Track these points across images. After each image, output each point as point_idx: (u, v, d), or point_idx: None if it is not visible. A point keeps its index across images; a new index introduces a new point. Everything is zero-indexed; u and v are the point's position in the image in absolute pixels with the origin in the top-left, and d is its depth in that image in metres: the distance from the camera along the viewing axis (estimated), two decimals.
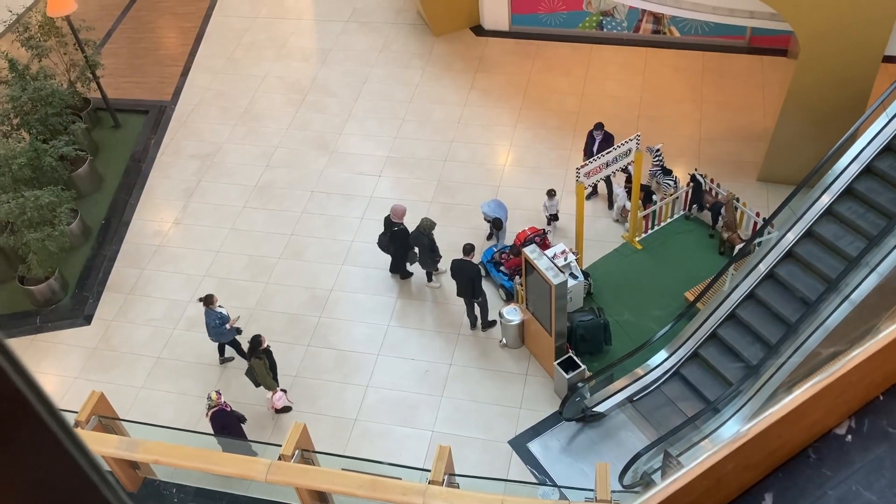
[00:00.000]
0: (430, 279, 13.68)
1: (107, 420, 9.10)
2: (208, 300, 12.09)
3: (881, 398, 2.06)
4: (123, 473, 8.83)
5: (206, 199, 15.73)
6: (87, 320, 13.87)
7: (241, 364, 12.17)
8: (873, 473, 1.90)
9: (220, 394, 10.81)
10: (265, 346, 11.48)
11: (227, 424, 10.81)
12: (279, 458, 8.27)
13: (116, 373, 13.04)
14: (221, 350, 12.86)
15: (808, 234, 11.04)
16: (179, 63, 18.98)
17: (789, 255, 11.12)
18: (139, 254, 14.86)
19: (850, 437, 1.99)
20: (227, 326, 12.20)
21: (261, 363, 11.30)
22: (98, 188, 16.12)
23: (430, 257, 13.13)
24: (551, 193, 13.90)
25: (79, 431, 8.19)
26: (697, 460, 1.72)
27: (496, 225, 13.82)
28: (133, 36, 20.06)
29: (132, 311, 13.94)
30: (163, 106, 17.86)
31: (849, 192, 10.93)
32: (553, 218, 14.13)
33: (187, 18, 20.36)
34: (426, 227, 12.85)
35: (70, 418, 8.76)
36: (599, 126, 13.96)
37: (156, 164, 16.56)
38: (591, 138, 14.10)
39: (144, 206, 15.75)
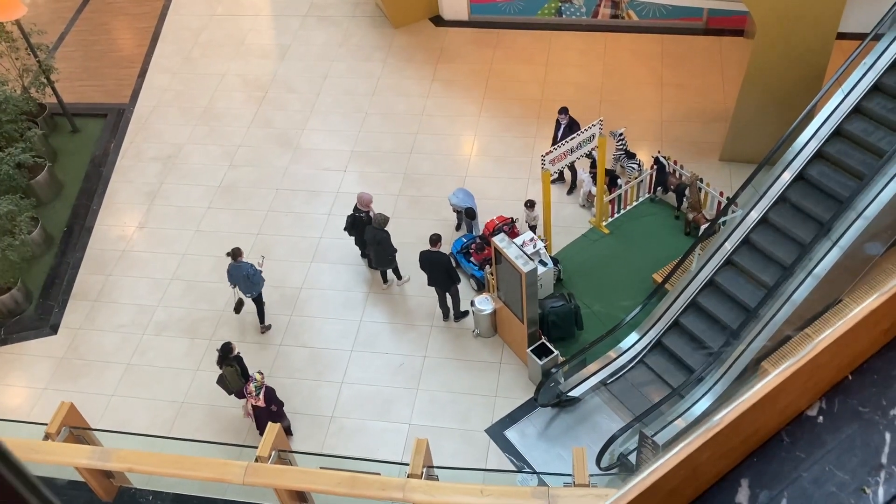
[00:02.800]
0: (398, 276, 13.56)
1: (78, 430, 8.95)
2: (236, 252, 12.35)
3: (850, 378, 2.08)
4: (98, 483, 8.71)
5: (170, 201, 15.53)
6: (54, 329, 13.64)
7: (212, 370, 12.00)
8: (845, 453, 1.93)
9: (262, 373, 11.06)
10: (236, 352, 11.40)
11: (275, 397, 11.18)
12: (256, 460, 8.21)
13: (86, 381, 12.85)
14: (262, 317, 13.09)
15: (774, 206, 11.22)
16: (136, 64, 18.68)
17: (756, 228, 11.29)
18: (104, 260, 14.63)
19: (821, 418, 2.02)
20: (259, 267, 12.54)
21: (233, 370, 11.20)
22: (58, 195, 15.84)
23: (391, 253, 13.01)
24: (530, 204, 13.47)
25: (49, 444, 8.07)
26: (673, 451, 1.73)
27: (469, 214, 13.77)
28: (87, 38, 19.69)
29: (99, 318, 13.73)
30: (121, 108, 17.57)
31: (818, 156, 11.15)
32: (533, 230, 13.90)
33: (142, 19, 20.03)
34: (381, 222, 12.71)
35: (40, 431, 8.64)
36: (563, 110, 13.97)
37: (116, 168, 16.31)
38: (558, 124, 14.13)
39: (107, 212, 15.50)
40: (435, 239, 12.25)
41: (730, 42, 17.22)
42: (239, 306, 13.02)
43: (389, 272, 13.46)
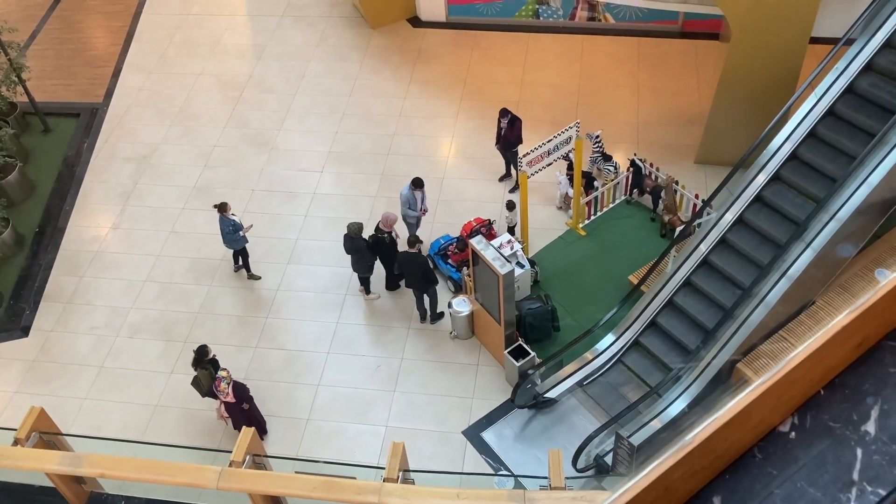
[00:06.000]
0: (367, 291, 13.41)
1: (48, 435, 8.81)
2: (222, 207, 12.87)
3: (822, 393, 2.08)
4: (68, 489, 8.58)
5: (144, 201, 15.37)
6: (25, 332, 13.44)
7: (187, 373, 11.88)
8: (817, 469, 1.92)
9: (227, 370, 11.06)
10: (211, 356, 11.30)
11: (246, 394, 11.22)
12: (230, 465, 8.14)
13: (58, 385, 12.68)
14: (236, 259, 13.80)
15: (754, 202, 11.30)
16: (110, 63, 18.47)
17: (734, 227, 11.37)
18: (77, 261, 14.45)
19: (793, 433, 2.01)
20: (241, 234, 13.03)
21: (207, 374, 11.10)
22: (30, 195, 15.62)
23: (370, 261, 12.92)
24: (510, 205, 13.53)
25: (18, 450, 7.93)
26: (645, 471, 1.71)
27: (416, 183, 13.25)
28: (60, 37, 19.44)
29: (72, 320, 13.56)
30: (94, 108, 17.37)
31: (793, 158, 11.24)
32: (512, 231, 13.80)
33: (116, 17, 19.81)
34: (356, 230, 12.60)
35: (9, 436, 8.50)
36: (504, 112, 14.15)
37: (90, 168, 16.11)
38: (502, 125, 14.30)
39: (80, 212, 15.31)
40: (413, 241, 12.22)
41: (705, 45, 17.33)
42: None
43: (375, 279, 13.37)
